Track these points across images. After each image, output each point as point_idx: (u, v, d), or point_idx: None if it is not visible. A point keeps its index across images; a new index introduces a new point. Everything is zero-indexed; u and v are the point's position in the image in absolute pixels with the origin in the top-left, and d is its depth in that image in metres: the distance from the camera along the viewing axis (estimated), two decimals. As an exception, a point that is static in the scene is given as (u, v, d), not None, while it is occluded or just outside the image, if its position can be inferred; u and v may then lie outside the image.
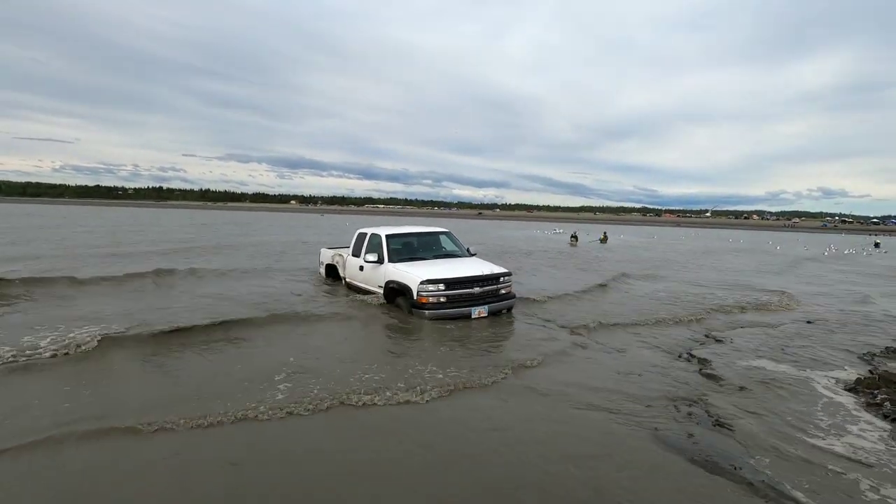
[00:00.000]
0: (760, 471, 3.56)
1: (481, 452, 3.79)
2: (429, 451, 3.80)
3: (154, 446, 3.78)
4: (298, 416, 4.34)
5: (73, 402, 4.55)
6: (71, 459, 3.57)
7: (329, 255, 11.75)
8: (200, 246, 19.90)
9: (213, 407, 4.42)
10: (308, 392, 4.83)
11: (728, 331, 7.92)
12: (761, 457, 3.78)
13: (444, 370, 5.57)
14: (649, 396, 4.96)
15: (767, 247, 31.01)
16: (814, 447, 3.97)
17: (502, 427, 4.24)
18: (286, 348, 6.37)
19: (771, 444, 3.99)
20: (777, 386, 5.34)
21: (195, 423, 4.13)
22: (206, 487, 3.27)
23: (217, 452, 3.71)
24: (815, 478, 3.51)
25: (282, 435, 4.01)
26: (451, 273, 8.16)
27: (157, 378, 5.27)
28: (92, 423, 4.07)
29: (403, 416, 4.45)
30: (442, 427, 4.24)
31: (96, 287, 10.20)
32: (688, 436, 4.09)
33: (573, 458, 3.71)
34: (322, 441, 3.94)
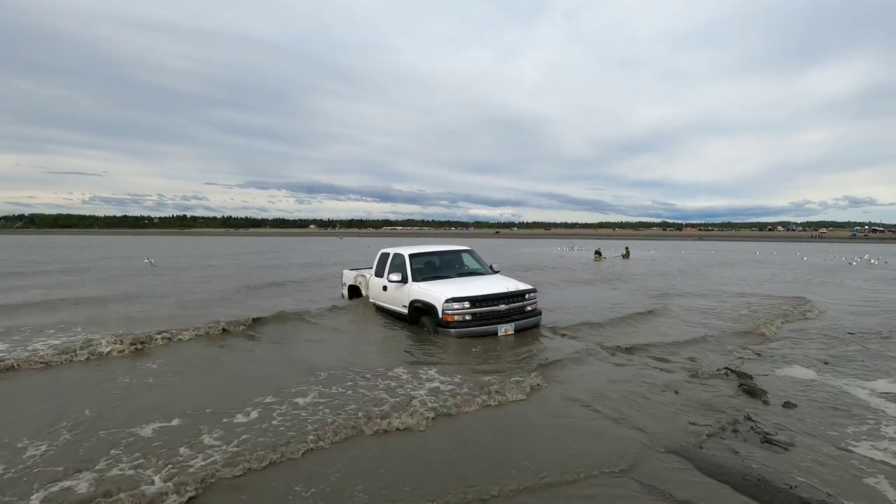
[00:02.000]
0: (817, 488, 3.37)
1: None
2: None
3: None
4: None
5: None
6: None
7: (352, 276, 11.80)
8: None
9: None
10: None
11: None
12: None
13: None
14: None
15: (821, 266, 30.05)
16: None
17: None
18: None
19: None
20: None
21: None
22: None
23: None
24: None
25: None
26: (476, 291, 8.08)
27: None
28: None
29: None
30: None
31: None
32: (733, 453, 3.90)
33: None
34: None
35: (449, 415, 4.79)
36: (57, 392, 5.50)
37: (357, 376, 5.89)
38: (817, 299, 12.23)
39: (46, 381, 5.96)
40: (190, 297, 12.52)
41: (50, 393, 5.49)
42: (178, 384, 5.78)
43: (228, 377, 6.08)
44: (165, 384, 5.77)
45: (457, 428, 4.52)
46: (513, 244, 56.78)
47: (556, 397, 5.32)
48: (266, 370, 6.37)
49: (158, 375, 6.09)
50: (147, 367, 6.46)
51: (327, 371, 6.10)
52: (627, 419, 4.65)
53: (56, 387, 5.74)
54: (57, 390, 5.59)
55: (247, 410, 4.79)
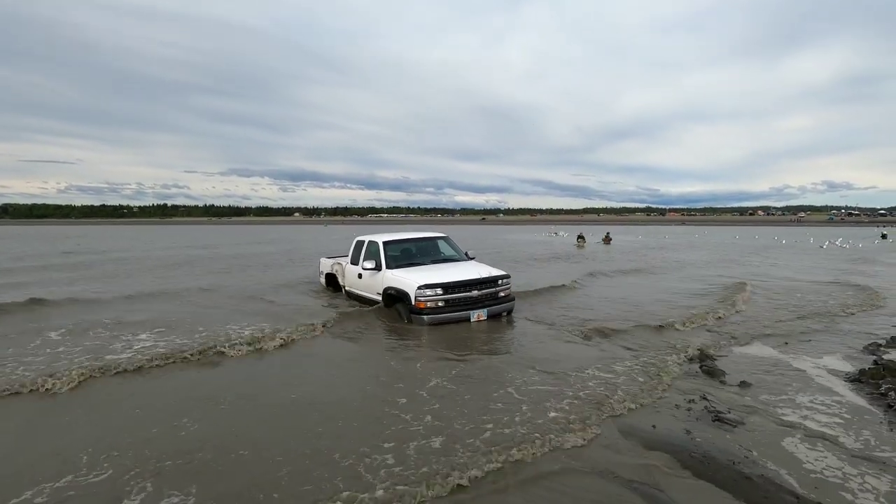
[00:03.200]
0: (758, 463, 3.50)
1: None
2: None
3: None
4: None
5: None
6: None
7: (328, 264, 11.75)
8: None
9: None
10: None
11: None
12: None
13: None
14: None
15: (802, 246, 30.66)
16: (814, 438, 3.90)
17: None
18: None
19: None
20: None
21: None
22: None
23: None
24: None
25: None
26: (448, 277, 8.11)
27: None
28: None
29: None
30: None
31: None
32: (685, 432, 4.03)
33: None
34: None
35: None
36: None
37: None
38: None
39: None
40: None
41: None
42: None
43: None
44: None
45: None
46: (499, 230, 56.95)
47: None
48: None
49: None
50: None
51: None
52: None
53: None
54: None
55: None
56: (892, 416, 4.31)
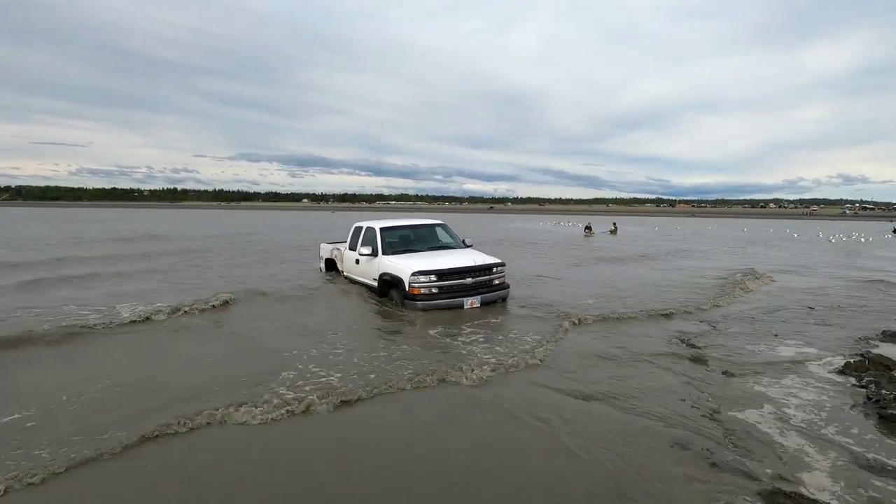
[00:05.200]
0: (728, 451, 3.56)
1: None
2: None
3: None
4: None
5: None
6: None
7: (328, 249, 11.88)
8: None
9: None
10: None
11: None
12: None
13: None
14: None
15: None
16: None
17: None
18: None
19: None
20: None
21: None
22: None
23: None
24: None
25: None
26: (443, 264, 8.19)
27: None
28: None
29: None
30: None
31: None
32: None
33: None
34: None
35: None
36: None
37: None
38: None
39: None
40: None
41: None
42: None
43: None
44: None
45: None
46: (505, 219, 56.80)
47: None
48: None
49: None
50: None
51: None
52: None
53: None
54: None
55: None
56: (868, 408, 4.34)
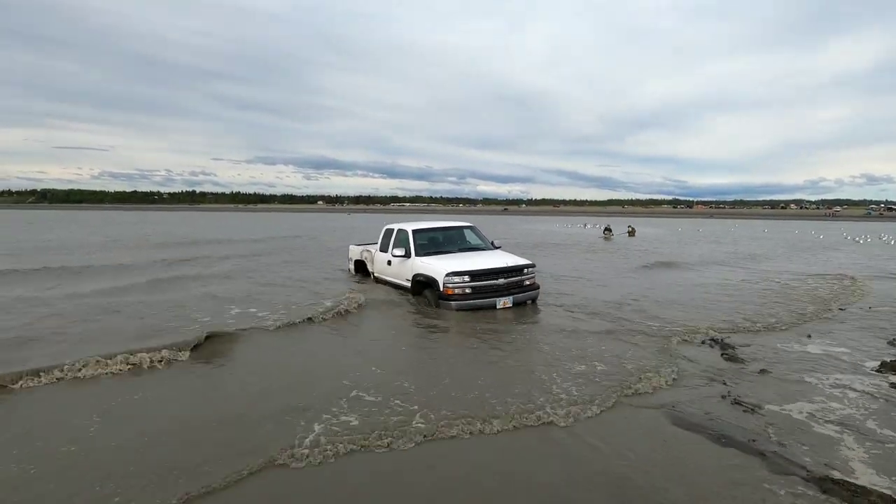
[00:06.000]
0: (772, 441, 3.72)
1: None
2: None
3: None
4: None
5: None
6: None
7: (357, 251, 12.18)
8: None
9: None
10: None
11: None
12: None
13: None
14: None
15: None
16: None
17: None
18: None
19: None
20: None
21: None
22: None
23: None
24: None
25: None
26: (476, 265, 8.43)
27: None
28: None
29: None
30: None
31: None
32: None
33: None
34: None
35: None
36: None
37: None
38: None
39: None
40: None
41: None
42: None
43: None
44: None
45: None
46: (521, 220, 56.81)
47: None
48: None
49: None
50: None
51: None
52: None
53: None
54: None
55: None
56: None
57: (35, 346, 6.17)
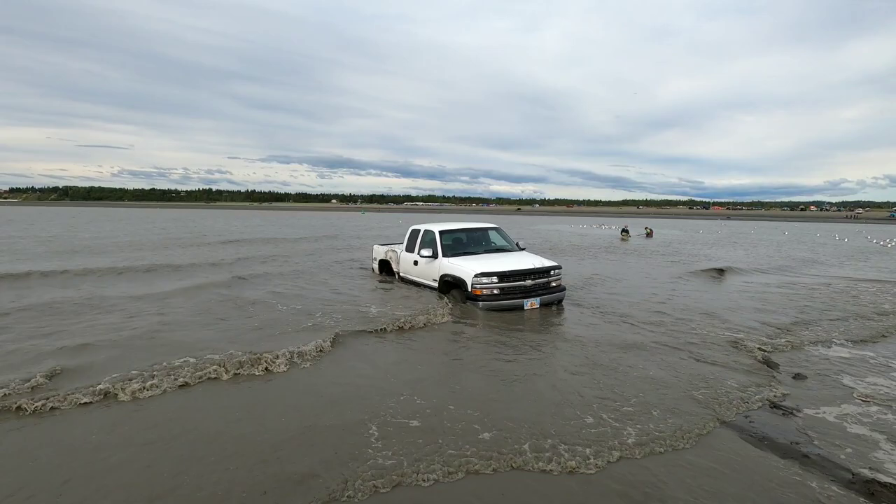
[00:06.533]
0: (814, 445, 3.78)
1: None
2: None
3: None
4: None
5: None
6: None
7: (382, 251, 12.36)
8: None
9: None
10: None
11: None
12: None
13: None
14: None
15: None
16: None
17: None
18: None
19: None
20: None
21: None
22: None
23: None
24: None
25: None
26: (503, 266, 8.54)
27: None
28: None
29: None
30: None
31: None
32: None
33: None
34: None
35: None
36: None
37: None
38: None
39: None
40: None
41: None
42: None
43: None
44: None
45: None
46: (535, 221, 56.65)
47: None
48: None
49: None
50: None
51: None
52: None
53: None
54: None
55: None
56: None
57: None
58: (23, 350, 5.98)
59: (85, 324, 7.33)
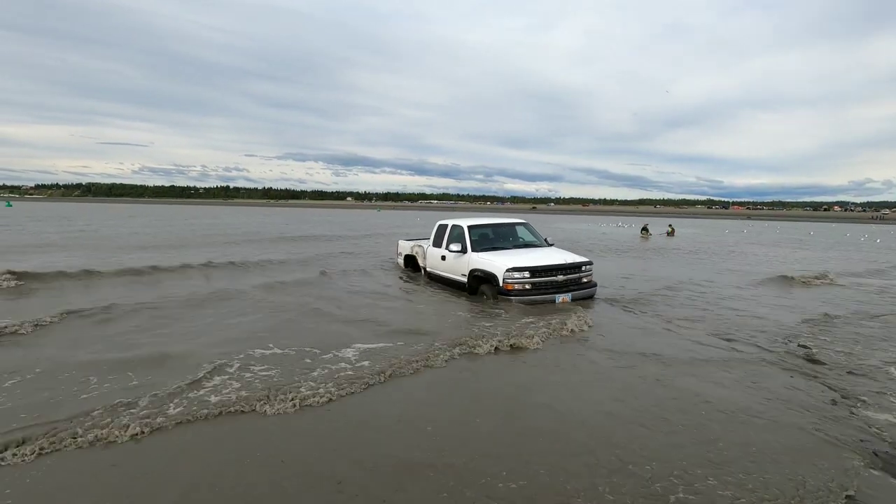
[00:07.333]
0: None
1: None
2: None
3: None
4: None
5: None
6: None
7: (408, 246, 12.37)
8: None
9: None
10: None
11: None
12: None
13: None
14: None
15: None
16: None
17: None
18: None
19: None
20: None
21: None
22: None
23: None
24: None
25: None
26: (535, 262, 8.48)
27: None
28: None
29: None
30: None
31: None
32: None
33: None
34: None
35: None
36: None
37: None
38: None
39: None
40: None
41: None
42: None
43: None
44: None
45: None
46: (553, 220, 56.28)
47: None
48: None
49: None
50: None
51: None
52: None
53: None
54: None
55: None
56: None
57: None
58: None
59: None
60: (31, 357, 5.38)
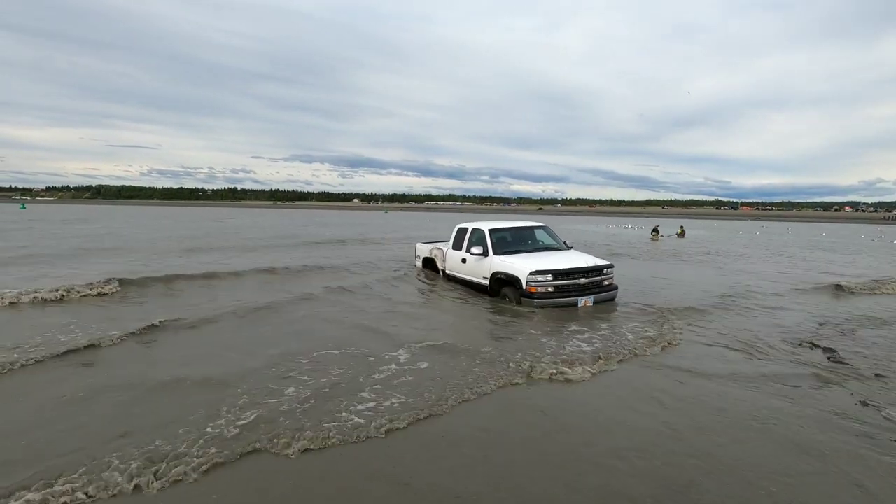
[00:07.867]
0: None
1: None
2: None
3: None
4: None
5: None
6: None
7: (427, 249, 12.51)
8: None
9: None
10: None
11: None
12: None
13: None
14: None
15: None
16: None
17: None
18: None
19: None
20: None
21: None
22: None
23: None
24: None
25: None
26: (557, 265, 8.58)
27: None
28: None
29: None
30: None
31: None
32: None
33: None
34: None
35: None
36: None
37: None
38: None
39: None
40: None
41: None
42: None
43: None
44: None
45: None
46: (560, 221, 56.20)
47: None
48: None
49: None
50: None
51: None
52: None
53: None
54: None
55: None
56: None
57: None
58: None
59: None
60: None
